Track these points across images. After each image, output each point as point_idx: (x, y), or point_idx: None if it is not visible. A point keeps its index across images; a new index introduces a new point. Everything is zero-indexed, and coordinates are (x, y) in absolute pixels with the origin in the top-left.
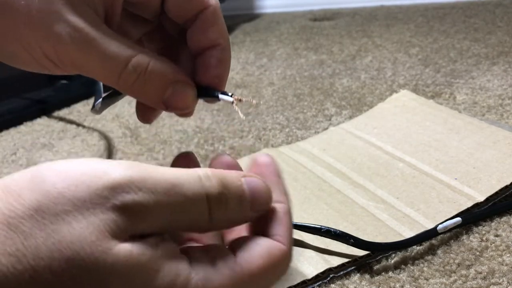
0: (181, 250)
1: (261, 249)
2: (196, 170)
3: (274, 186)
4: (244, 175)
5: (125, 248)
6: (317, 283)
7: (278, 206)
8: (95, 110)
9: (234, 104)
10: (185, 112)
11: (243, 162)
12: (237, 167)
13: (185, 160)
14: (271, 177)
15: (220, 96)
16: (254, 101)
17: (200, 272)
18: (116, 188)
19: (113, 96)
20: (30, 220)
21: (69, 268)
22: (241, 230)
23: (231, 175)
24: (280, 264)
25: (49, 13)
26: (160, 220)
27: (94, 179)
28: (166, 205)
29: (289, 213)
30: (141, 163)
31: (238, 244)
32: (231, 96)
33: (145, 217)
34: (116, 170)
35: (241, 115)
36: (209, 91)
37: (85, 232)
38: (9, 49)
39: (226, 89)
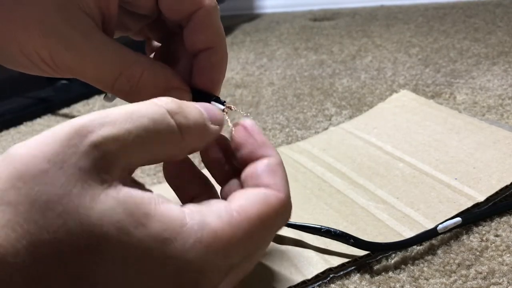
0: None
1: (257, 197)
2: (147, 101)
3: (263, 142)
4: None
5: (111, 195)
6: (317, 283)
7: (270, 159)
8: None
9: (224, 114)
10: None
11: None
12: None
13: None
14: (258, 135)
15: (212, 103)
16: (244, 114)
17: (196, 216)
18: (81, 131)
19: None
20: (13, 190)
21: (63, 224)
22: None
23: (183, 100)
24: (278, 213)
25: (45, 22)
26: (135, 151)
27: (59, 132)
28: (132, 130)
29: (281, 164)
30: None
31: (233, 195)
32: (223, 103)
33: (118, 150)
34: (76, 119)
35: (230, 125)
36: (203, 96)
37: (67, 185)
38: (7, 53)
39: (225, 90)
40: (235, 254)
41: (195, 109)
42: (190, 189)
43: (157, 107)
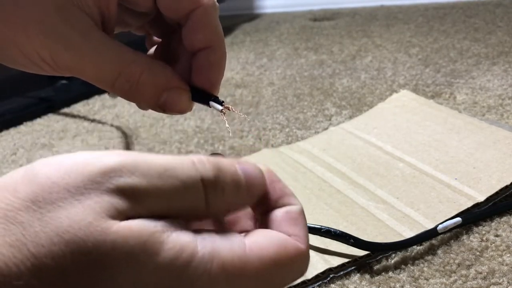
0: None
1: (276, 239)
2: (189, 156)
3: (284, 190)
4: (238, 161)
5: (124, 225)
6: (317, 283)
7: (292, 207)
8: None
9: (222, 114)
10: (183, 113)
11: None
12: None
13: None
14: (278, 182)
15: (211, 103)
16: (242, 115)
17: (208, 245)
18: (109, 173)
19: None
20: (27, 211)
21: (69, 252)
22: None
23: (225, 160)
24: (295, 262)
25: (44, 23)
26: (157, 205)
27: (87, 166)
28: (160, 188)
29: (303, 213)
30: (132, 151)
31: (251, 233)
32: (222, 103)
33: (141, 200)
34: (108, 157)
35: (227, 126)
36: (202, 95)
37: (81, 215)
38: (7, 53)
39: (225, 90)
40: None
41: (232, 181)
42: (242, 224)
43: (194, 172)
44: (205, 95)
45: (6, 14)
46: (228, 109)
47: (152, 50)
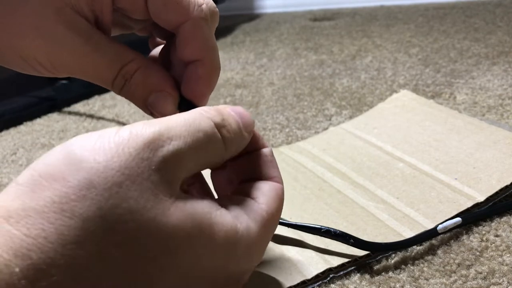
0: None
1: (273, 193)
2: (194, 109)
3: (255, 133)
4: (227, 106)
5: (180, 207)
6: (317, 283)
7: (266, 150)
8: None
9: None
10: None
11: None
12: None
13: None
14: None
15: None
16: None
17: (243, 221)
18: (151, 145)
19: None
20: (84, 201)
21: (136, 240)
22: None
23: (220, 106)
24: (283, 203)
25: (42, 26)
26: (191, 163)
27: (130, 143)
28: (192, 145)
29: (273, 154)
30: (152, 119)
31: (254, 191)
32: None
33: (183, 164)
34: (143, 129)
35: None
36: (188, 106)
37: (142, 200)
38: (4, 56)
39: (225, 90)
40: (264, 249)
41: (234, 121)
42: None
43: (208, 120)
44: (191, 107)
45: (3, 17)
46: None
47: (155, 52)
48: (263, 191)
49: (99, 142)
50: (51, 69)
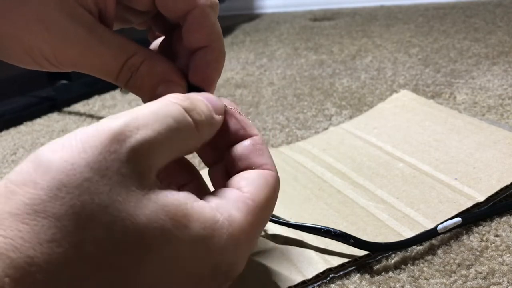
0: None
1: (261, 181)
2: (162, 98)
3: (244, 122)
4: (193, 93)
5: (153, 199)
6: (317, 283)
7: (254, 138)
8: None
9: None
10: None
11: None
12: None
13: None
14: (239, 115)
15: None
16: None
17: (223, 211)
18: (119, 137)
19: None
20: (56, 201)
21: (110, 234)
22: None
23: (187, 93)
24: (276, 190)
25: (47, 19)
26: (164, 151)
27: (96, 138)
28: (162, 132)
29: (264, 141)
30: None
31: (239, 181)
32: None
33: (155, 151)
34: (109, 123)
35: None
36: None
37: (113, 194)
38: (7, 49)
39: (225, 90)
40: (255, 238)
41: (203, 104)
42: (179, 177)
43: (176, 106)
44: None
45: (7, 11)
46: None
47: (155, 44)
48: (250, 180)
49: (66, 142)
50: (56, 63)
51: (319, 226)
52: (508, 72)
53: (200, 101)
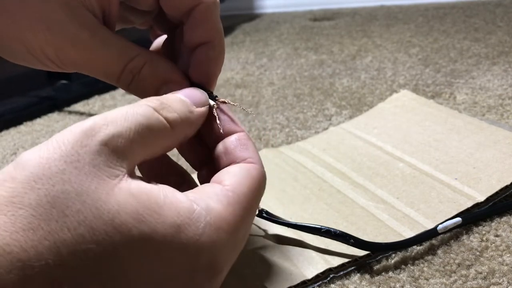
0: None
1: (242, 173)
2: (138, 102)
3: (229, 119)
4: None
5: (125, 188)
6: (317, 283)
7: (239, 134)
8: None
9: (214, 110)
10: None
11: None
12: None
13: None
14: (227, 112)
15: None
16: (242, 108)
17: (200, 202)
18: (88, 132)
19: None
20: (32, 192)
21: (84, 220)
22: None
23: (161, 95)
24: (261, 183)
25: (50, 20)
26: (136, 146)
27: (68, 135)
28: (132, 127)
29: (249, 137)
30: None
31: (220, 176)
32: (215, 98)
33: (124, 145)
34: (81, 123)
35: (218, 122)
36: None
37: (85, 182)
38: (11, 48)
39: (225, 90)
40: (239, 229)
41: (177, 100)
42: (170, 182)
43: (145, 106)
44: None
45: (11, 11)
46: (225, 103)
47: (156, 44)
48: (232, 173)
49: (44, 144)
50: (58, 63)
51: (319, 226)
52: (508, 72)
53: (173, 98)
